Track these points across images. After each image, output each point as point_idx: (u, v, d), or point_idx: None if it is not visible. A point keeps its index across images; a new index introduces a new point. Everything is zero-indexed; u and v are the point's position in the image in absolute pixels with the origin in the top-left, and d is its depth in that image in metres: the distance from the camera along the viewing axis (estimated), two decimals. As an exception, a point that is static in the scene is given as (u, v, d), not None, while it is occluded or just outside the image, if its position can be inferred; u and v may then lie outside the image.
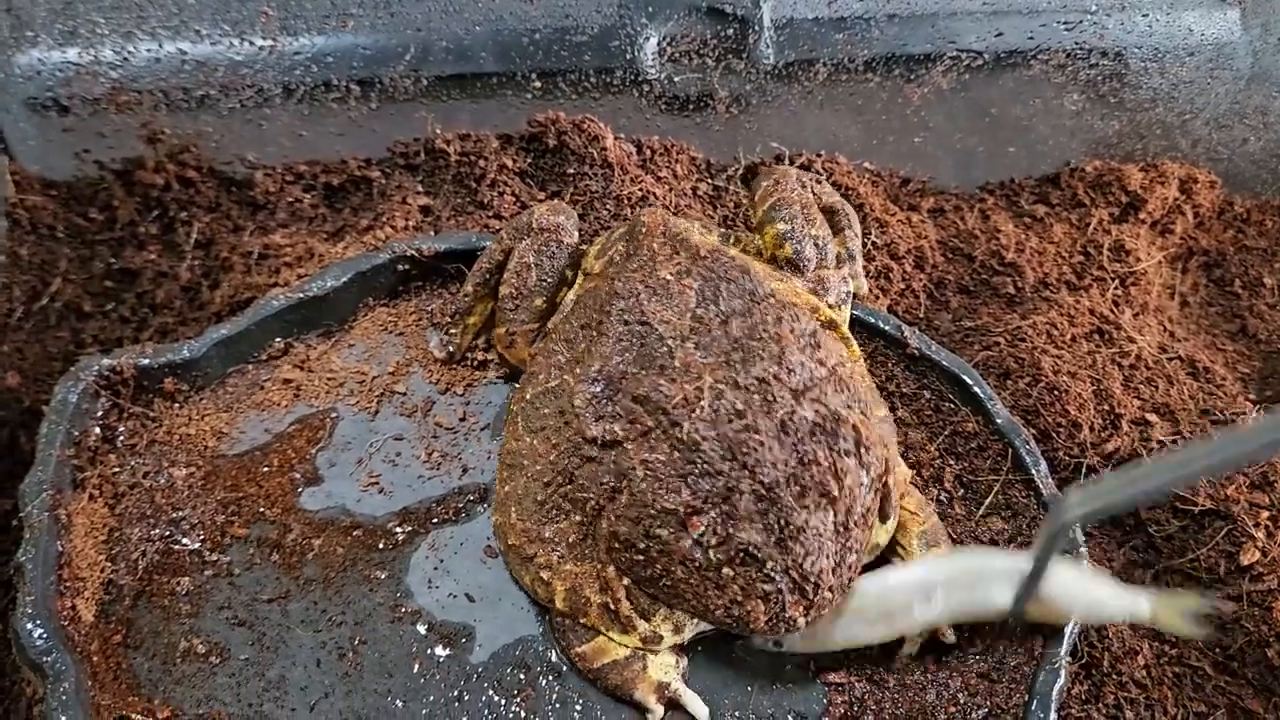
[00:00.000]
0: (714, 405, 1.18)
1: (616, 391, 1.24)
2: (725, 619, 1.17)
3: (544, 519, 1.25)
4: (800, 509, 1.14)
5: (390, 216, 1.65)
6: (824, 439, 1.17)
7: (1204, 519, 1.51)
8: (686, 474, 1.15)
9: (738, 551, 1.13)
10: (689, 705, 1.24)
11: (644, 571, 1.18)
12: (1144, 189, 1.94)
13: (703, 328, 1.27)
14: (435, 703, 1.24)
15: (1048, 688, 1.23)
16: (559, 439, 1.26)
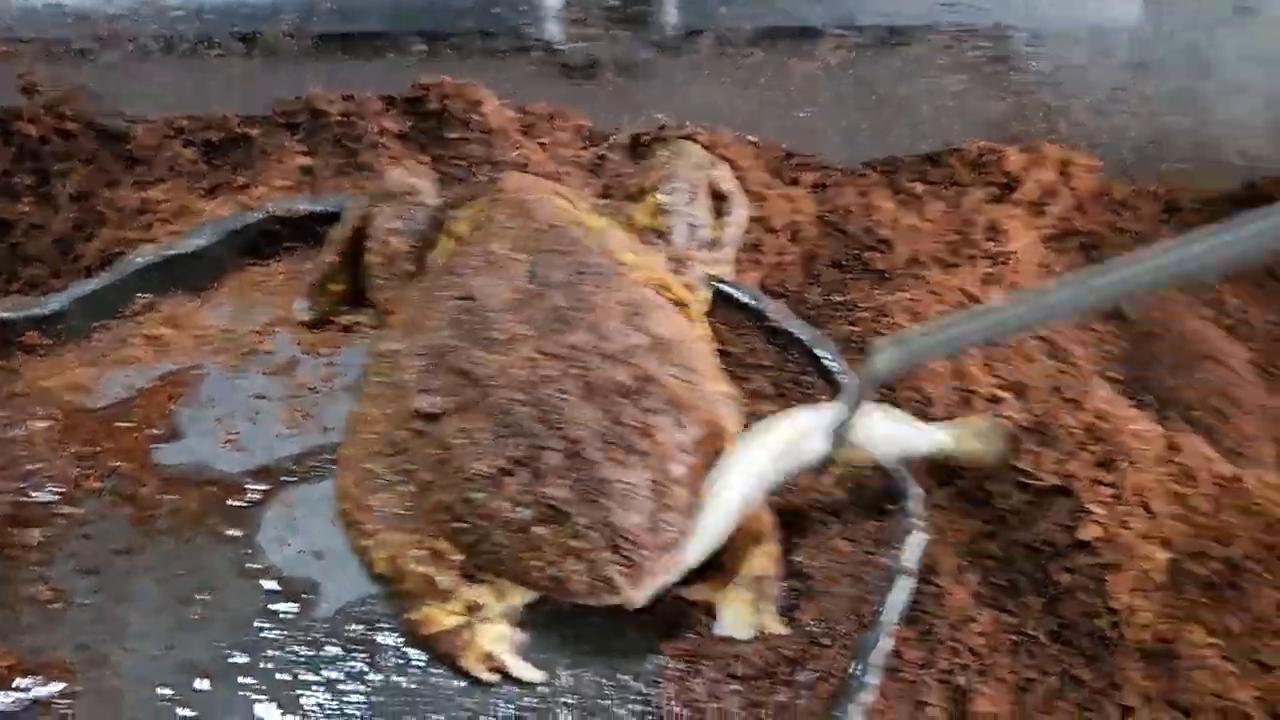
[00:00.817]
0: (528, 374, 1.21)
1: (441, 366, 1.26)
2: (546, 583, 1.20)
3: (370, 487, 1.28)
4: (608, 463, 1.17)
5: (268, 175, 1.65)
6: (634, 397, 1.21)
7: (1048, 495, 1.56)
8: (499, 438, 1.18)
9: (545, 507, 1.15)
10: (518, 673, 1.27)
11: (467, 539, 1.22)
12: (1023, 170, 1.98)
13: (527, 300, 1.30)
14: (277, 657, 1.27)
15: (872, 652, 1.27)
16: (389, 408, 1.29)
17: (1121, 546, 1.52)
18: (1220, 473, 1.65)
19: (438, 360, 1.27)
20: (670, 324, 1.35)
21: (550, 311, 1.28)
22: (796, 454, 1.32)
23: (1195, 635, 1.52)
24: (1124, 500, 1.54)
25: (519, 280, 1.32)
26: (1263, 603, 1.56)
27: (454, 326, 1.29)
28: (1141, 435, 1.61)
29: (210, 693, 1.23)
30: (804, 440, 1.31)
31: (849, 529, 1.43)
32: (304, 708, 1.24)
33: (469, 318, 1.30)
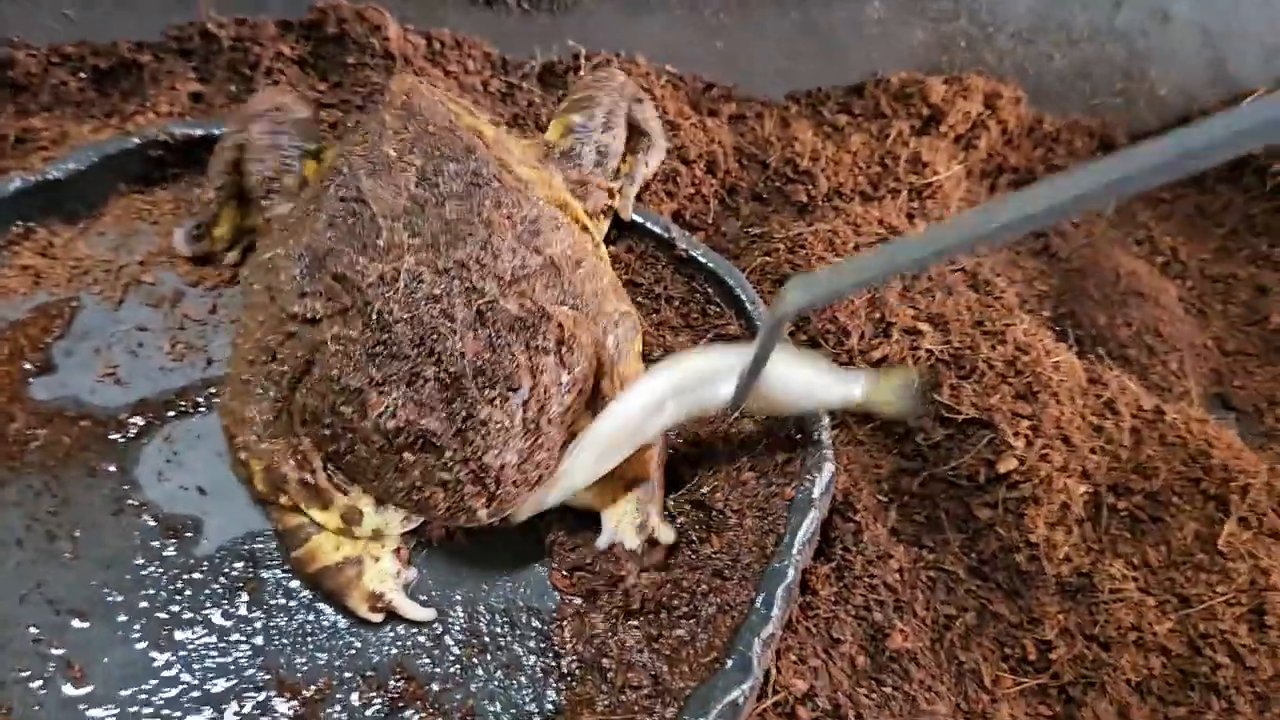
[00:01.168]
0: (410, 287, 1.15)
1: (320, 268, 1.20)
2: (406, 504, 1.17)
3: (247, 399, 1.22)
4: (485, 402, 1.12)
5: (157, 102, 1.58)
6: (523, 333, 1.16)
7: (968, 427, 1.53)
8: (374, 354, 1.13)
9: (417, 437, 1.11)
10: (406, 613, 1.22)
11: (331, 447, 1.17)
12: (946, 102, 1.94)
13: (417, 208, 1.23)
14: (155, 595, 1.21)
15: (775, 584, 1.23)
16: (265, 315, 1.22)
17: (1041, 480, 1.49)
18: (1142, 406, 1.63)
19: (316, 263, 1.21)
20: (566, 244, 1.29)
21: (440, 223, 1.22)
22: (699, 396, 1.27)
23: (1114, 569, 1.50)
24: (1044, 433, 1.51)
25: (410, 186, 1.25)
26: (1182, 536, 1.54)
27: (336, 228, 1.23)
28: (1063, 368, 1.58)
29: (85, 632, 1.18)
30: (709, 383, 1.27)
31: (757, 461, 1.39)
32: (185, 648, 1.18)
33: (353, 220, 1.23)
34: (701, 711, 1.10)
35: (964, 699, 1.37)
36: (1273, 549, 1.51)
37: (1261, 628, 1.46)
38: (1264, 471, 1.59)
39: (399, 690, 1.19)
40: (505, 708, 1.20)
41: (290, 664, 1.19)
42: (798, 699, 1.22)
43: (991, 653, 1.45)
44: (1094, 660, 1.43)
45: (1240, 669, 1.43)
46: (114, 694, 1.14)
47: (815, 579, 1.36)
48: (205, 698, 1.15)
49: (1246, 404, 1.95)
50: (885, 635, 1.36)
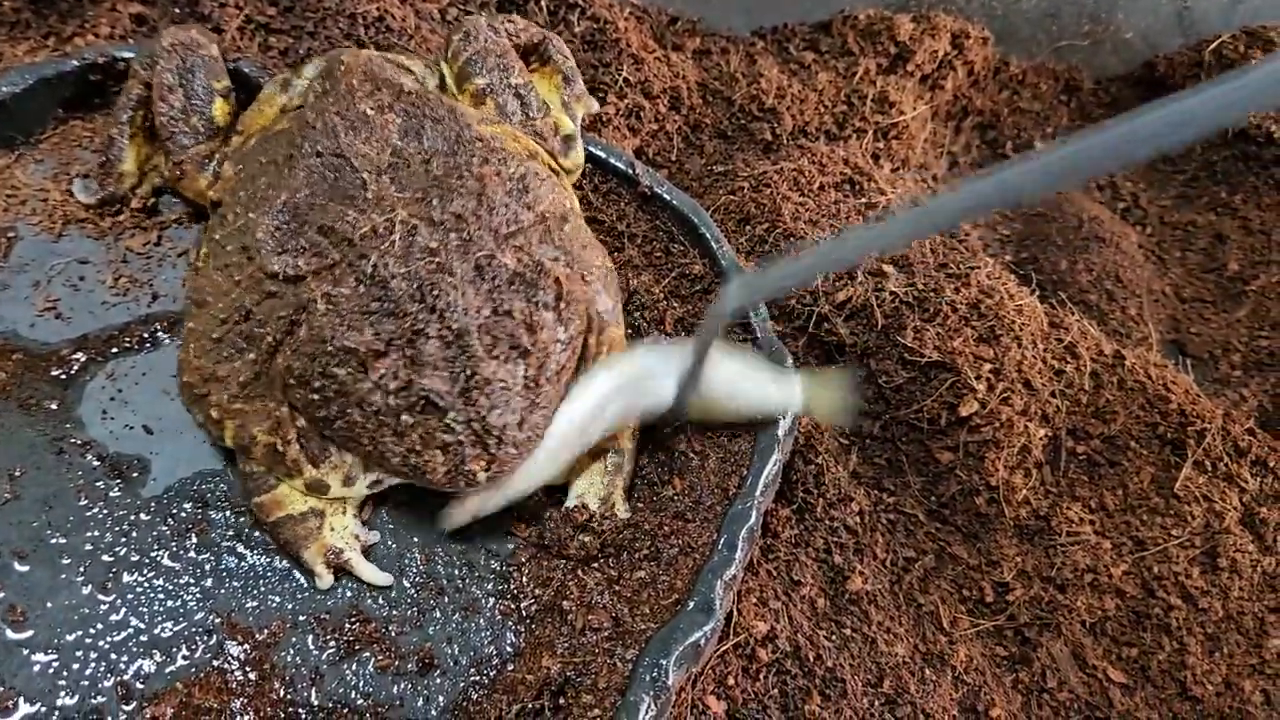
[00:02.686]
0: (406, 240, 1.10)
1: (302, 223, 1.14)
2: (402, 467, 1.11)
3: (219, 357, 1.16)
4: (489, 359, 1.08)
5: (97, 24, 1.50)
6: (523, 289, 1.12)
7: (930, 371, 1.52)
8: (371, 312, 1.07)
9: (419, 398, 1.07)
10: (363, 574, 1.19)
11: (319, 411, 1.11)
12: (913, 40, 1.91)
13: (402, 163, 1.18)
14: (100, 537, 1.17)
15: (735, 525, 1.22)
16: (240, 274, 1.16)
17: (1002, 423, 1.49)
18: (1102, 351, 1.63)
19: (296, 218, 1.15)
20: (553, 199, 1.25)
21: (428, 177, 1.17)
22: (641, 400, 1.24)
23: (1072, 512, 1.51)
24: (1005, 376, 1.51)
25: (392, 140, 1.20)
26: (1139, 480, 1.56)
27: (315, 184, 1.17)
28: (1025, 312, 1.57)
29: (27, 575, 1.13)
30: (650, 386, 1.23)
31: (720, 402, 1.37)
32: (132, 591, 1.15)
33: (334, 175, 1.17)
34: (663, 653, 1.08)
35: (922, 640, 1.38)
36: (1227, 493, 1.53)
37: (1214, 570, 1.48)
38: (1219, 417, 1.61)
39: (355, 633, 1.17)
40: (463, 650, 1.18)
41: (242, 607, 1.16)
42: (758, 641, 1.22)
43: (950, 595, 1.46)
44: (1050, 602, 1.45)
45: (1192, 610, 1.45)
46: (58, 639, 1.10)
47: (776, 521, 1.35)
48: (153, 642, 1.12)
49: (1202, 350, 1.97)
50: (845, 577, 1.36)
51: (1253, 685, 1.41)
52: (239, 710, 1.10)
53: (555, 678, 1.12)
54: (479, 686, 1.16)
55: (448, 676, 1.17)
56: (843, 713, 1.21)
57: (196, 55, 1.35)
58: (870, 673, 1.28)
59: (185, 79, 1.33)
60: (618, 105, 1.63)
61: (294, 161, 1.19)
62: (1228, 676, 1.42)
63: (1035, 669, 1.40)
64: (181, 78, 1.33)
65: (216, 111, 1.35)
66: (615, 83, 1.64)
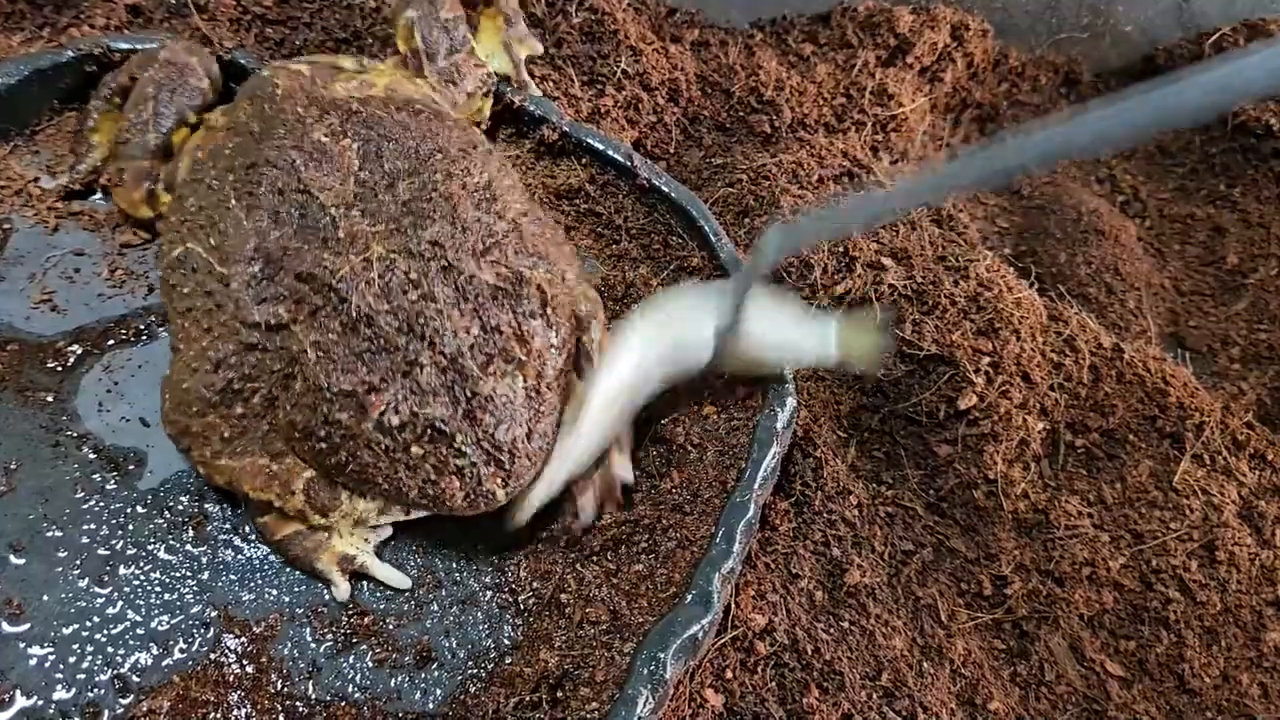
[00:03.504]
0: (385, 276, 1.10)
1: (278, 270, 1.12)
2: (421, 500, 1.11)
3: (191, 412, 1.13)
4: (486, 377, 1.09)
5: (92, 15, 1.50)
6: (506, 302, 1.12)
7: (929, 364, 1.52)
8: (361, 351, 1.07)
9: (424, 428, 1.07)
10: (379, 576, 1.19)
11: (330, 459, 1.10)
12: (913, 32, 1.90)
13: (368, 193, 1.17)
14: (96, 530, 1.17)
15: (735, 518, 1.22)
16: (210, 323, 1.13)
17: (1000, 416, 1.49)
18: (1101, 344, 1.63)
19: (270, 264, 1.13)
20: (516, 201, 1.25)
21: (396, 204, 1.17)
22: (682, 358, 1.26)
23: (1070, 505, 1.51)
24: (1004, 370, 1.50)
25: (354, 169, 1.19)
26: (1138, 473, 1.55)
27: (284, 225, 1.15)
28: (1024, 305, 1.57)
29: (23, 568, 1.13)
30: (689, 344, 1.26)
31: (718, 395, 1.36)
32: (128, 584, 1.15)
33: (300, 214, 1.15)
34: (661, 646, 1.08)
35: (920, 633, 1.38)
36: (1225, 486, 1.53)
37: (1212, 563, 1.48)
38: (1218, 410, 1.61)
39: (352, 626, 1.16)
40: (461, 643, 1.18)
41: (238, 600, 1.16)
42: (756, 634, 1.22)
43: (948, 588, 1.46)
44: (1048, 595, 1.45)
45: (1190, 604, 1.45)
46: (54, 632, 1.10)
47: (775, 514, 1.35)
48: (150, 635, 1.12)
49: (1201, 343, 1.96)
50: (843, 571, 1.36)
51: (1250, 678, 1.41)
52: (236, 703, 1.10)
53: (553, 671, 1.12)
54: (476, 679, 1.16)
55: (445, 669, 1.16)
56: (840, 705, 1.20)
57: (184, 79, 1.34)
58: (868, 665, 1.28)
59: (162, 94, 1.32)
60: (616, 97, 1.63)
61: (255, 200, 1.16)
62: (1226, 670, 1.42)
63: (1033, 662, 1.40)
64: (160, 91, 1.32)
65: (176, 138, 1.34)
66: (613, 74, 1.64)
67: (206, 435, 1.13)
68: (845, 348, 1.32)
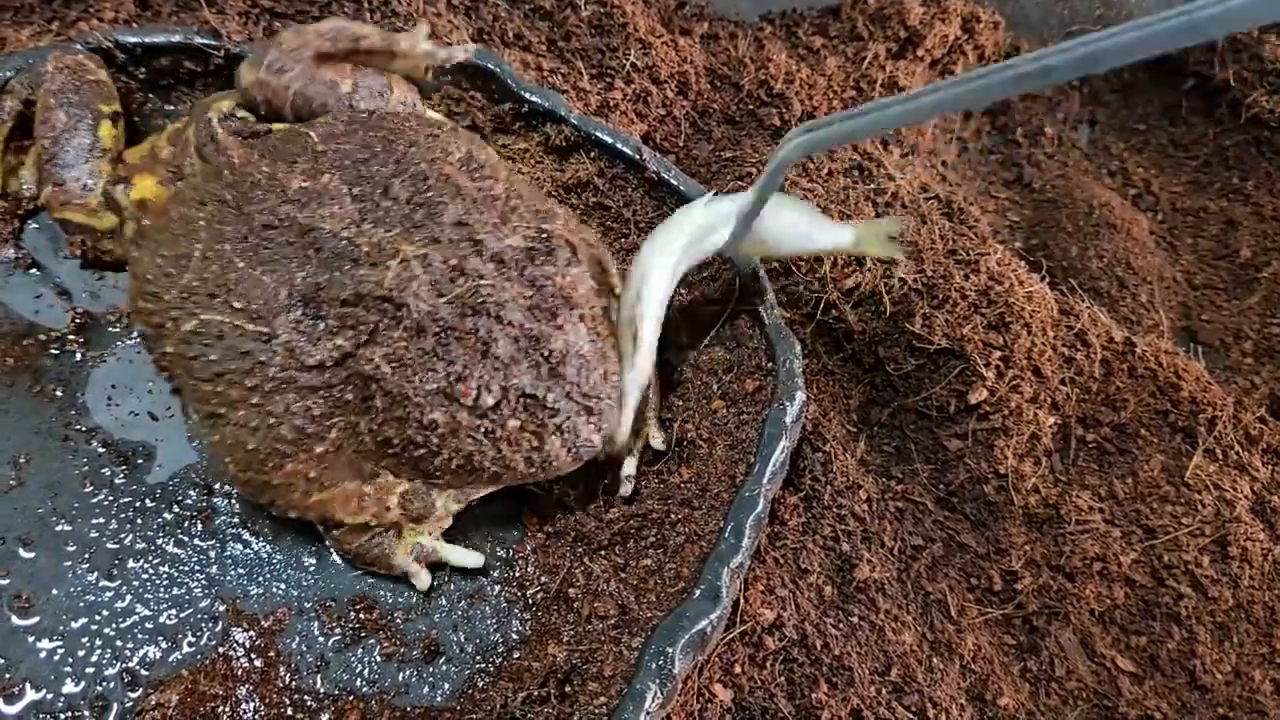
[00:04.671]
0: (429, 273, 1.09)
1: (320, 305, 1.11)
2: (529, 470, 1.13)
3: (267, 468, 1.12)
4: (556, 332, 1.10)
5: (101, 9, 1.50)
6: (544, 259, 1.13)
7: (940, 358, 1.51)
8: (434, 348, 1.07)
9: (517, 398, 1.08)
10: (454, 560, 1.20)
11: (433, 463, 1.11)
12: (923, 25, 1.89)
13: (369, 205, 1.17)
14: (105, 524, 1.18)
15: (744, 513, 1.21)
16: (255, 381, 1.10)
17: (1011, 411, 1.48)
18: (1113, 338, 1.62)
19: (311, 303, 1.11)
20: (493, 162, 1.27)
21: (401, 204, 1.17)
22: (703, 245, 1.28)
23: (1081, 500, 1.50)
24: (1015, 364, 1.50)
25: (345, 193, 1.18)
26: (1149, 468, 1.54)
27: (304, 264, 1.14)
28: (1035, 299, 1.56)
29: (32, 561, 1.14)
30: (709, 232, 1.28)
31: (727, 389, 1.36)
32: (137, 578, 1.15)
33: (315, 250, 1.14)
34: (669, 641, 1.08)
35: (930, 629, 1.37)
36: (1238, 481, 1.52)
37: (1224, 559, 1.47)
38: (1230, 404, 1.59)
39: (360, 620, 1.17)
40: (469, 638, 1.18)
41: (246, 594, 1.16)
42: (765, 629, 1.21)
43: (958, 583, 1.45)
44: (1058, 590, 1.44)
45: (1202, 599, 1.44)
46: (63, 625, 1.10)
47: (784, 509, 1.34)
48: (159, 629, 1.12)
49: (1213, 337, 1.95)
50: (853, 565, 1.35)
51: (1262, 675, 1.40)
52: (244, 697, 1.10)
53: (561, 665, 1.12)
54: (485, 674, 1.16)
55: (453, 664, 1.16)
56: (850, 701, 1.20)
57: (80, 76, 1.32)
58: (878, 661, 1.27)
59: (67, 97, 1.30)
60: (625, 90, 1.62)
61: (267, 257, 1.15)
62: (1237, 666, 1.41)
63: (1044, 658, 1.39)
64: (66, 98, 1.30)
65: (104, 133, 1.31)
66: (623, 67, 1.63)
67: (291, 483, 1.13)
68: (861, 240, 1.33)
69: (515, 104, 1.52)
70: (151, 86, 1.46)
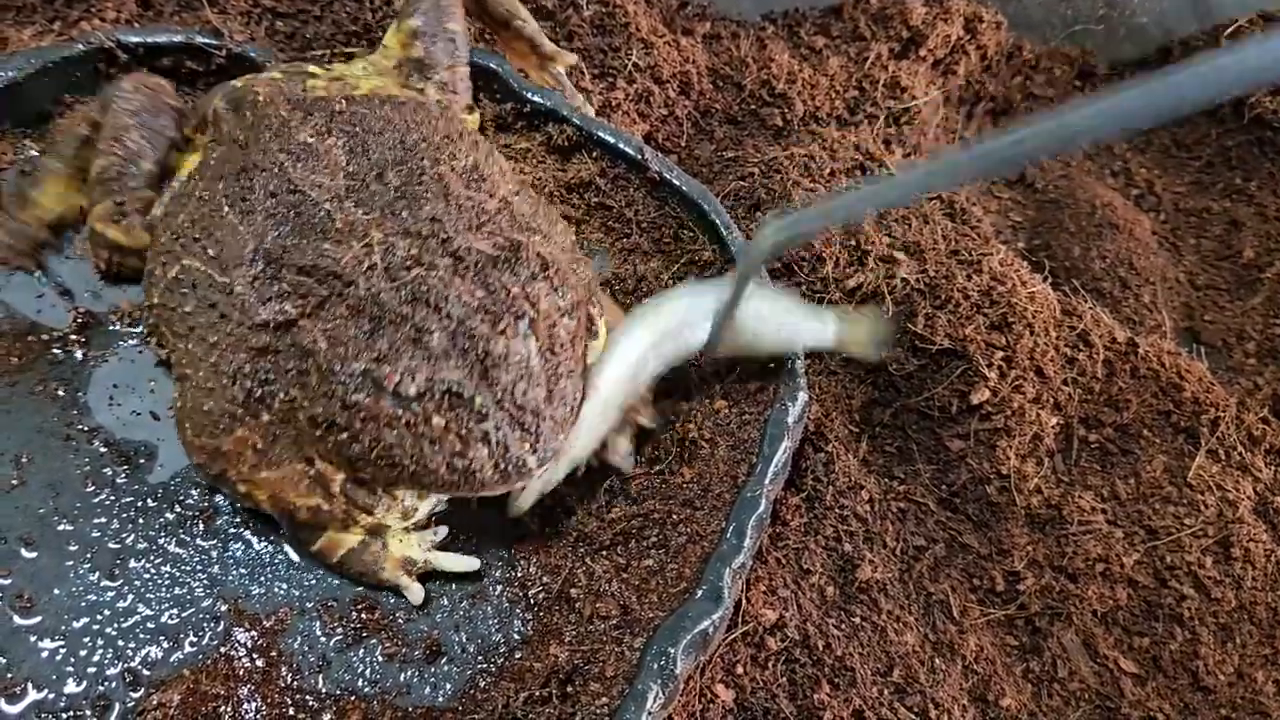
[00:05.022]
0: (386, 257, 1.08)
1: (280, 268, 1.11)
2: (451, 479, 1.08)
3: (217, 430, 1.12)
4: (498, 336, 1.06)
5: (103, 8, 1.50)
6: (507, 267, 1.10)
7: (942, 358, 1.51)
8: (370, 330, 1.05)
9: (442, 394, 1.04)
10: (447, 567, 1.19)
11: (354, 449, 1.08)
12: (926, 25, 1.89)
13: (359, 184, 1.17)
14: (107, 524, 1.17)
15: (745, 513, 1.21)
16: (217, 336, 1.12)
17: (1013, 411, 1.48)
18: (1115, 339, 1.62)
19: (271, 263, 1.11)
20: (505, 182, 1.26)
21: (389, 192, 1.16)
22: (678, 343, 1.26)
23: (1083, 501, 1.50)
24: (1017, 364, 1.50)
25: (341, 164, 1.18)
26: (1152, 469, 1.54)
27: (280, 224, 1.14)
28: (1037, 299, 1.56)
29: (34, 561, 1.13)
30: (687, 328, 1.26)
31: (730, 389, 1.36)
32: (139, 578, 1.15)
33: (294, 212, 1.15)
34: (671, 641, 1.08)
35: (932, 630, 1.37)
36: (1241, 482, 1.52)
37: (1227, 560, 1.46)
38: (1233, 405, 1.59)
39: (362, 620, 1.16)
40: (470, 638, 1.18)
41: (248, 594, 1.16)
42: (767, 629, 1.21)
43: (960, 584, 1.45)
44: (1061, 591, 1.44)
45: (1205, 600, 1.44)
46: (65, 625, 1.10)
47: (786, 509, 1.34)
48: (160, 629, 1.12)
49: (1216, 338, 1.95)
50: (855, 566, 1.35)
51: (1265, 676, 1.40)
52: (246, 697, 1.10)
53: (563, 665, 1.12)
54: (486, 674, 1.16)
55: (455, 664, 1.16)
56: (852, 702, 1.20)
57: (160, 100, 1.32)
58: (880, 661, 1.27)
59: (147, 121, 1.30)
60: (627, 90, 1.62)
61: (249, 204, 1.16)
62: (1240, 667, 1.41)
63: (1046, 659, 1.39)
64: (143, 119, 1.30)
65: (171, 160, 1.32)
66: (624, 67, 1.63)
67: (240, 451, 1.12)
68: (844, 335, 1.33)
69: (517, 104, 1.52)
70: (158, 77, 1.46)
